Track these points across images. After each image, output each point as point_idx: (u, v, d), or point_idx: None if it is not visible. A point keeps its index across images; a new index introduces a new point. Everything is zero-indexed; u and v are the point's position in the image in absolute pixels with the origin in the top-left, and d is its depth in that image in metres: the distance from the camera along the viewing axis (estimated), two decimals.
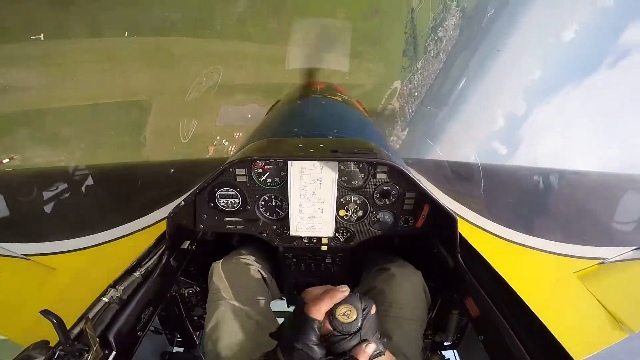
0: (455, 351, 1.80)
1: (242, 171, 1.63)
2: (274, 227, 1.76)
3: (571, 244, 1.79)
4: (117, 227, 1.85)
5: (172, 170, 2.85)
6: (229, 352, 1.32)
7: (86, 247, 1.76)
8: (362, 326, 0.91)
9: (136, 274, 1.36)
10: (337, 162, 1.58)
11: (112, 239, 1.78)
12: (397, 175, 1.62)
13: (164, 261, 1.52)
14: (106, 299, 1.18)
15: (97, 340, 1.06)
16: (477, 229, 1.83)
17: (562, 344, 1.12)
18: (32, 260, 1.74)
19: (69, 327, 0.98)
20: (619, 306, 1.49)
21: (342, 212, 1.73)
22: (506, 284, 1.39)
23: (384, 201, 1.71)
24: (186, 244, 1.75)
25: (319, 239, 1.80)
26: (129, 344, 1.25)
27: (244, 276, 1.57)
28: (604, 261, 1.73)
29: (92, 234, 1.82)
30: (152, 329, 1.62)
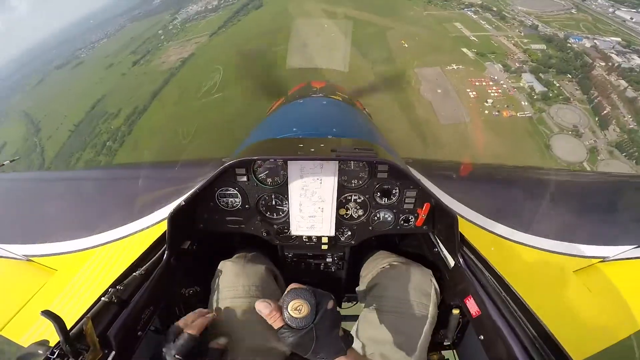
0: (454, 351, 1.80)
1: (243, 171, 1.64)
2: (275, 226, 1.76)
3: (571, 242, 1.79)
4: (117, 227, 1.85)
5: (175, 168, 2.85)
6: (235, 349, 1.31)
7: (87, 248, 1.76)
8: (315, 321, 0.91)
9: (136, 274, 1.36)
10: (337, 162, 1.58)
11: (112, 239, 1.78)
12: (397, 174, 1.63)
13: (165, 261, 1.52)
14: (106, 299, 1.18)
15: (97, 340, 1.06)
16: (477, 227, 1.83)
17: (562, 344, 1.12)
18: (33, 261, 1.75)
19: (69, 328, 0.98)
20: (620, 305, 1.49)
21: (342, 211, 1.74)
22: (506, 284, 1.39)
23: (384, 200, 1.71)
24: (186, 244, 1.75)
25: (320, 238, 1.80)
26: (129, 344, 1.25)
27: (255, 275, 1.57)
28: (604, 260, 1.73)
29: (92, 235, 1.82)
30: (152, 328, 1.62)
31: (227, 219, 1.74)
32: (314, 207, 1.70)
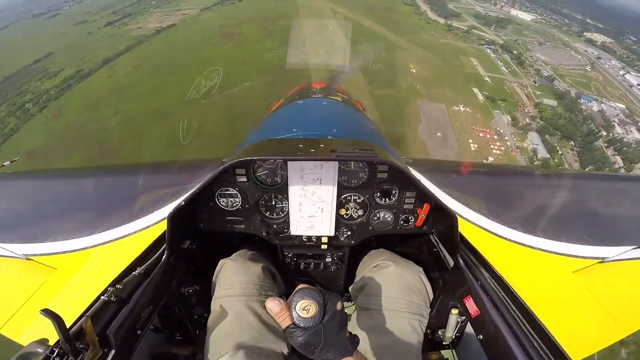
0: (453, 351, 1.80)
1: (242, 171, 1.64)
2: (274, 226, 1.77)
3: (571, 243, 1.79)
4: (117, 227, 1.85)
5: (175, 168, 2.85)
6: (230, 347, 1.31)
7: (87, 247, 1.76)
8: (323, 322, 0.91)
9: (136, 273, 1.36)
10: (337, 162, 1.58)
11: (112, 239, 1.78)
12: (397, 174, 1.63)
13: (164, 260, 1.52)
14: (106, 298, 1.19)
15: (97, 338, 1.07)
16: (477, 227, 1.83)
17: (561, 344, 1.12)
18: (32, 260, 1.75)
19: (68, 326, 0.99)
20: (618, 306, 1.49)
21: (342, 211, 1.74)
22: (506, 284, 1.39)
23: (384, 200, 1.71)
24: (186, 244, 1.75)
25: (319, 238, 1.80)
26: (129, 342, 1.25)
27: (254, 273, 1.58)
28: (603, 260, 1.73)
29: (92, 234, 1.83)
30: (151, 327, 1.62)
31: (227, 218, 1.74)
32: (313, 207, 1.70)
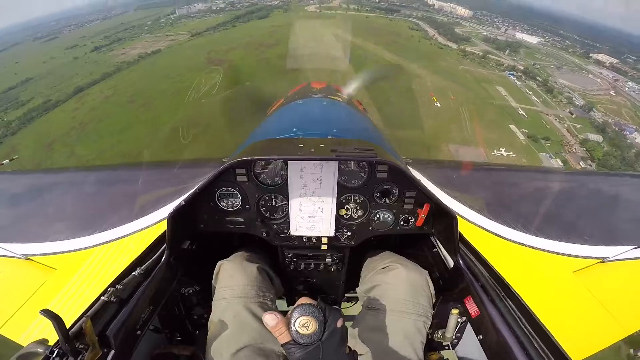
0: (454, 351, 1.80)
1: (243, 171, 1.64)
2: (274, 226, 1.76)
3: (571, 243, 1.79)
4: (117, 227, 1.85)
5: (175, 168, 2.85)
6: (232, 348, 1.32)
7: (86, 247, 1.76)
8: (322, 339, 0.90)
9: (136, 273, 1.36)
10: (337, 162, 1.58)
11: (112, 239, 1.78)
12: (397, 174, 1.63)
13: (164, 260, 1.52)
14: (106, 298, 1.18)
15: (96, 339, 1.06)
16: (477, 228, 1.83)
17: (561, 344, 1.12)
18: (32, 260, 1.75)
19: (68, 327, 0.98)
20: (619, 306, 1.49)
21: (342, 212, 1.74)
22: (506, 284, 1.39)
23: (384, 200, 1.71)
24: (186, 244, 1.75)
25: (319, 239, 1.80)
26: (128, 342, 1.25)
27: (251, 274, 1.58)
28: (603, 260, 1.73)
29: (92, 234, 1.82)
30: (151, 327, 1.62)
31: (227, 219, 1.74)
32: (313, 207, 1.70)
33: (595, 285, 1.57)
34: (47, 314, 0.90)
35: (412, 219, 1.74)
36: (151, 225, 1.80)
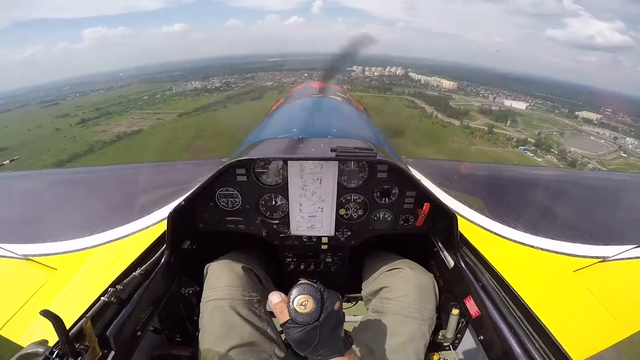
0: (454, 351, 1.80)
1: (243, 171, 1.64)
2: (274, 226, 1.76)
3: (571, 242, 1.79)
4: (117, 227, 1.85)
5: (175, 168, 2.85)
6: (222, 350, 1.32)
7: (87, 248, 1.76)
8: (320, 319, 0.90)
9: (136, 274, 1.36)
10: (337, 162, 1.58)
11: (112, 239, 1.78)
12: (397, 174, 1.63)
13: (164, 261, 1.52)
14: (106, 299, 1.18)
15: (96, 339, 1.06)
16: (477, 227, 1.83)
17: (561, 344, 1.11)
18: (32, 260, 1.74)
19: (68, 327, 0.98)
20: (620, 305, 1.48)
21: (342, 211, 1.74)
22: (506, 284, 1.39)
23: (384, 200, 1.71)
24: (186, 244, 1.75)
25: (319, 238, 1.80)
26: (128, 343, 1.25)
27: (237, 275, 1.57)
28: (604, 260, 1.73)
29: (92, 235, 1.82)
30: (151, 328, 1.62)
31: (227, 218, 1.74)
32: (313, 207, 1.70)
33: (595, 284, 1.57)
34: (47, 314, 0.90)
35: (412, 219, 1.74)
36: (151, 225, 1.80)
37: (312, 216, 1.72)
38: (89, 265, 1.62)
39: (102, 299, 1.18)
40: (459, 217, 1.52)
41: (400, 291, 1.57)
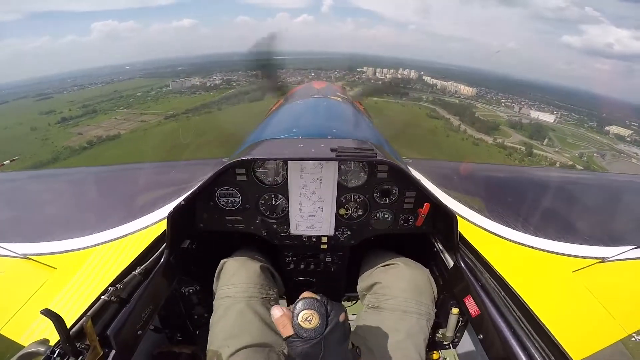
0: (454, 350, 1.81)
1: (242, 170, 1.64)
2: (274, 226, 1.77)
3: (570, 243, 1.79)
4: (117, 226, 1.85)
5: (175, 168, 2.85)
6: (236, 347, 1.32)
7: (87, 247, 1.76)
8: (325, 333, 0.89)
9: (136, 273, 1.36)
10: (337, 162, 1.58)
11: (112, 238, 1.78)
12: (397, 174, 1.63)
13: (164, 260, 1.52)
14: (106, 298, 1.18)
15: (97, 338, 1.07)
16: (477, 227, 1.83)
17: (561, 344, 1.12)
18: (32, 259, 1.75)
19: (69, 326, 0.99)
20: (619, 306, 1.49)
21: (342, 211, 1.74)
22: (506, 283, 1.39)
23: (384, 200, 1.71)
24: (186, 243, 1.75)
25: (319, 238, 1.80)
26: (129, 342, 1.25)
27: (254, 273, 1.58)
28: (603, 260, 1.73)
29: (92, 234, 1.83)
30: (152, 327, 1.62)
31: (227, 218, 1.74)
32: (313, 206, 1.70)
33: (595, 285, 1.57)
34: (48, 313, 0.90)
35: (412, 219, 1.75)
36: (151, 224, 1.81)
37: (312, 216, 1.72)
38: (89, 264, 1.63)
39: (102, 298, 1.18)
40: (458, 217, 1.52)
41: (395, 287, 1.57)
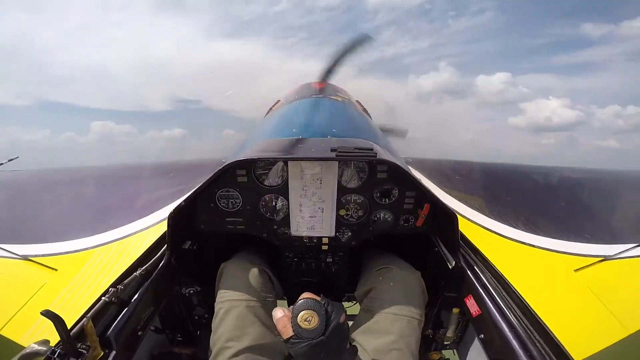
0: (455, 350, 1.80)
1: (243, 172, 1.64)
2: (275, 227, 1.76)
3: (572, 241, 1.79)
4: (118, 227, 1.85)
5: (175, 168, 2.86)
6: (236, 349, 1.32)
7: (87, 248, 1.76)
8: (325, 334, 0.89)
9: (137, 274, 1.36)
10: (337, 162, 1.58)
11: (113, 239, 1.78)
12: (397, 174, 1.63)
13: (165, 261, 1.52)
14: (107, 299, 1.18)
15: (98, 339, 1.07)
16: (477, 227, 1.83)
17: (562, 343, 1.11)
18: (33, 261, 1.75)
19: (69, 327, 0.99)
20: (621, 304, 1.48)
21: (342, 212, 1.74)
22: (506, 283, 1.39)
23: (384, 200, 1.71)
24: (187, 244, 1.75)
25: (320, 239, 1.80)
26: (130, 343, 1.25)
27: (253, 276, 1.58)
28: (605, 259, 1.73)
29: (93, 235, 1.83)
30: (152, 328, 1.62)
31: (227, 219, 1.74)
32: (314, 207, 1.70)
33: (597, 283, 1.57)
34: (49, 314, 0.90)
35: (412, 219, 1.74)
36: (152, 225, 1.81)
37: (313, 217, 1.72)
38: (90, 265, 1.63)
39: (103, 299, 1.18)
40: (459, 216, 1.52)
41: (386, 290, 1.58)
